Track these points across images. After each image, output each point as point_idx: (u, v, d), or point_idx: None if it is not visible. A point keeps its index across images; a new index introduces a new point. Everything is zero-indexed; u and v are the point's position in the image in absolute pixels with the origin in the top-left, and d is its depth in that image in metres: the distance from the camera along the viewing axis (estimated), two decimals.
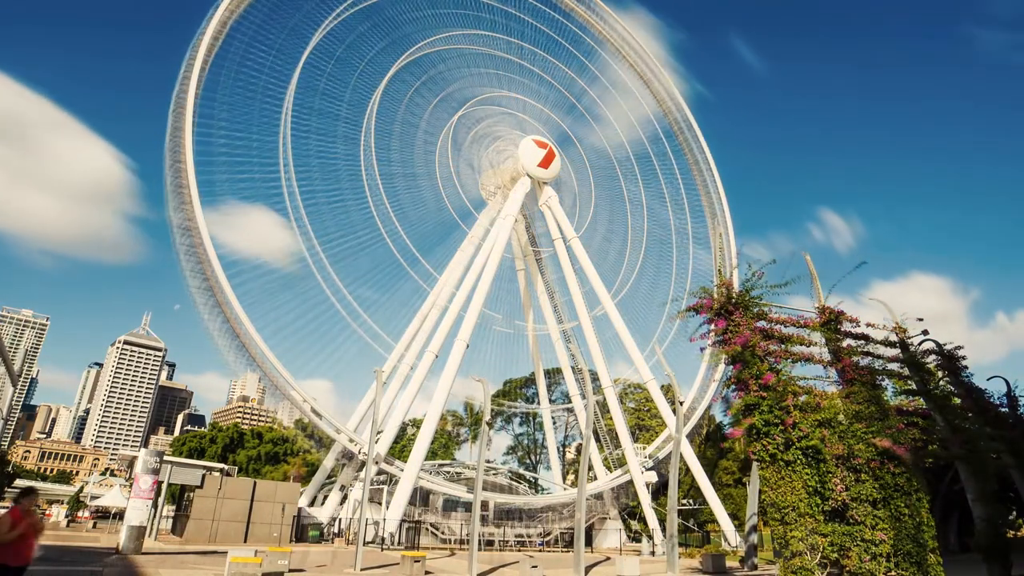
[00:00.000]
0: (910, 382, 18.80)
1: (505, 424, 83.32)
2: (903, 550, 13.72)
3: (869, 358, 17.66)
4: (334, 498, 43.31)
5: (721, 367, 43.69)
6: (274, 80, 42.00)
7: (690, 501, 55.71)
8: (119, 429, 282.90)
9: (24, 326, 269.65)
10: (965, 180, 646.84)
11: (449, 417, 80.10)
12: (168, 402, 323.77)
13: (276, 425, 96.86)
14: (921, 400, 18.61)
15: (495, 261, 48.10)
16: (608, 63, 62.76)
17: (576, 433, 73.58)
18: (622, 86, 63.74)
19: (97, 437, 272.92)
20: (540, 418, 69.61)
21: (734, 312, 15.51)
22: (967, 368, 19.81)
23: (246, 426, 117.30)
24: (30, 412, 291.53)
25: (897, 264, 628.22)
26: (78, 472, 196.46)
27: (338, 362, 53.01)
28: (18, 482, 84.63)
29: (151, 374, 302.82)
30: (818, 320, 17.32)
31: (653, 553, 42.59)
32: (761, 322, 15.97)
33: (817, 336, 17.04)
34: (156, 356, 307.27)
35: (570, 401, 59.55)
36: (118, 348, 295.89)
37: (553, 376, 68.50)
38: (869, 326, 18.10)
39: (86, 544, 30.91)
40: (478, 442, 31.70)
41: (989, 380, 21.20)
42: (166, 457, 36.48)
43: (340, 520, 41.19)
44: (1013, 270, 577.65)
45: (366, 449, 36.30)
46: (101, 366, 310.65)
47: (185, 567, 21.74)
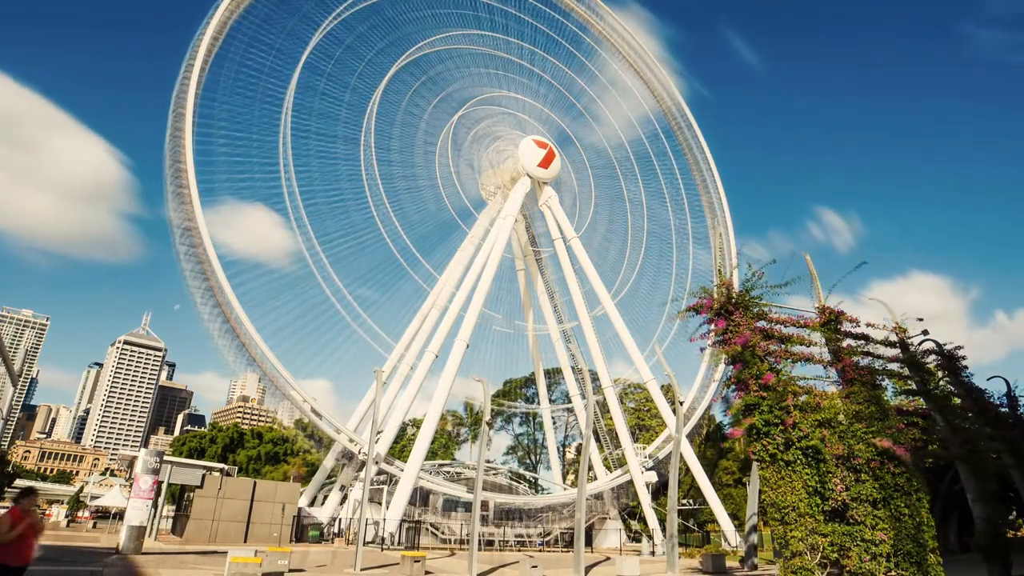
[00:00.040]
0: (910, 382, 18.82)
1: (505, 424, 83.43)
2: (903, 550, 13.71)
3: (869, 358, 17.67)
4: (334, 498, 43.33)
5: (721, 367, 43.79)
6: (274, 80, 42.18)
7: (690, 501, 55.71)
8: (119, 429, 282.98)
9: (24, 326, 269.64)
10: (965, 180, 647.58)
11: (449, 417, 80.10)
12: (168, 402, 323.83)
13: (276, 425, 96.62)
14: (921, 400, 18.63)
15: (495, 261, 48.10)
16: (607, 62, 62.82)
17: (576, 433, 73.58)
18: (622, 85, 63.84)
19: (97, 437, 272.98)
20: (540, 418, 69.64)
21: (734, 312, 15.50)
22: (967, 368, 19.89)
23: (246, 426, 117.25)
24: (30, 412, 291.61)
25: (897, 264, 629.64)
26: (78, 472, 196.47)
27: (338, 362, 53.16)
28: (18, 482, 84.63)
29: (151, 374, 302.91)
30: (818, 320, 17.33)
31: (653, 553, 42.59)
32: (761, 322, 15.97)
33: (817, 336, 17.05)
34: (156, 356, 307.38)
35: (570, 401, 59.53)
36: (118, 348, 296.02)
37: (553, 376, 68.46)
38: (869, 326, 18.12)
39: (86, 544, 30.90)
40: (478, 442, 31.69)
41: (989, 380, 21.30)
42: (166, 457, 36.47)
43: (340, 520, 41.20)
44: (1013, 270, 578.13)
45: (366, 449, 36.30)
46: (101, 366, 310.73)
47: (185, 567, 21.74)
